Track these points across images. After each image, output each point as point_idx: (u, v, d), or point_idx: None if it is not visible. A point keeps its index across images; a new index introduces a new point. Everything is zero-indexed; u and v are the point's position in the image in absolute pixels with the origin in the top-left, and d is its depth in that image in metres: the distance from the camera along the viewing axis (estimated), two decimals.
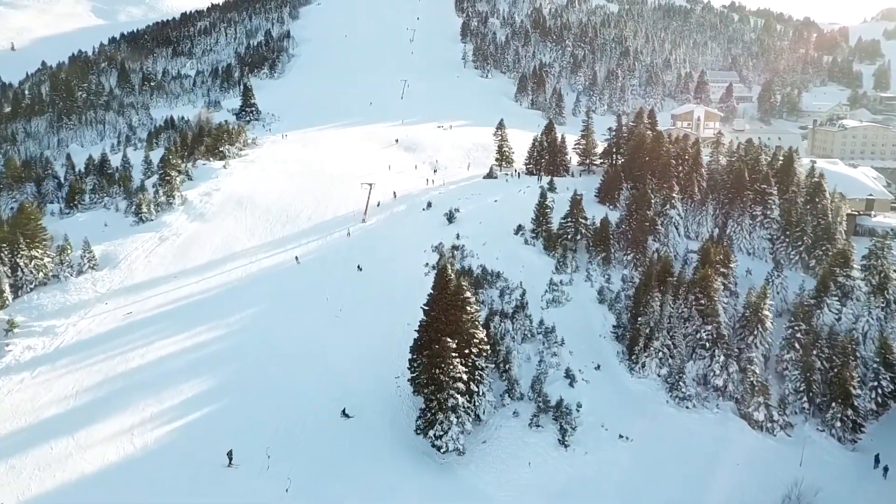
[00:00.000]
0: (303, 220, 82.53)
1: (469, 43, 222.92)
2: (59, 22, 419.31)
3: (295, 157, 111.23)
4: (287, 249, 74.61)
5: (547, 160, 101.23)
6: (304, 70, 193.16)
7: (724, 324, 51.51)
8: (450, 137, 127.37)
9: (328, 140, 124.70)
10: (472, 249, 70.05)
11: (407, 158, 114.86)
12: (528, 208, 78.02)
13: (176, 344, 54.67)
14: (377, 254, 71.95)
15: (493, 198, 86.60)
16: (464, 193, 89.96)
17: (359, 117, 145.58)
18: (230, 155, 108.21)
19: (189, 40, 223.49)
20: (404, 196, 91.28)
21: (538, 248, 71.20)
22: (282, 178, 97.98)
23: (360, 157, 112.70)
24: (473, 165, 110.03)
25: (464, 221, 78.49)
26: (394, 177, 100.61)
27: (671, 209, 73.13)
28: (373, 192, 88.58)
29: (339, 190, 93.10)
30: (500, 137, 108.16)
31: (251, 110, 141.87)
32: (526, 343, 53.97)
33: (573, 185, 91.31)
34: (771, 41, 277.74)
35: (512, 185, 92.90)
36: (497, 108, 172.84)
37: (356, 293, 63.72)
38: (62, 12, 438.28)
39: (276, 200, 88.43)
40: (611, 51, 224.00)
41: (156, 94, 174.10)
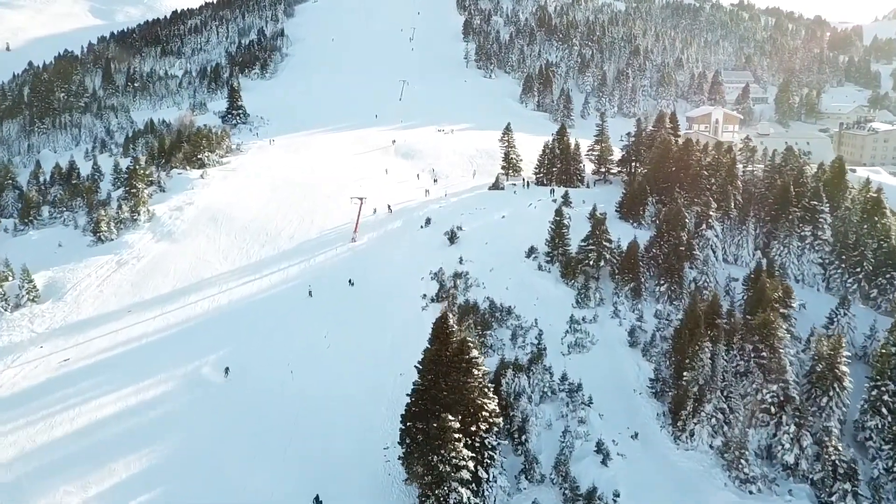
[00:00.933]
0: (284, 240, 72.58)
1: (471, 42, 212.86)
2: (55, 22, 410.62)
3: (281, 164, 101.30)
4: (263, 275, 64.64)
5: (559, 169, 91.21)
6: (298, 70, 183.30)
7: (791, 383, 41.44)
8: (451, 142, 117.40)
9: (319, 146, 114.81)
10: (477, 277, 60.04)
11: (404, 166, 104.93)
12: (541, 226, 68.11)
13: (116, 403, 44.75)
14: (367, 282, 61.98)
15: (501, 213, 76.62)
16: (467, 207, 79.98)
17: (353, 121, 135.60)
18: (209, 163, 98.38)
19: (179, 39, 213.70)
20: (400, 210, 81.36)
21: (554, 276, 61.16)
22: (264, 190, 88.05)
23: (352, 165, 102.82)
24: (478, 174, 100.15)
25: (467, 242, 68.48)
26: (389, 187, 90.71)
27: (708, 229, 63.11)
28: (366, 206, 78.89)
29: (327, 203, 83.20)
30: (507, 143, 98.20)
31: (238, 113, 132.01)
32: (546, 403, 44.00)
33: (590, 198, 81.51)
34: (784, 40, 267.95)
35: (521, 198, 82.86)
36: (501, 110, 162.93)
37: (340, 334, 53.74)
38: (59, 12, 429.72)
39: (256, 216, 78.50)
40: (620, 50, 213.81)
41: (139, 96, 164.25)
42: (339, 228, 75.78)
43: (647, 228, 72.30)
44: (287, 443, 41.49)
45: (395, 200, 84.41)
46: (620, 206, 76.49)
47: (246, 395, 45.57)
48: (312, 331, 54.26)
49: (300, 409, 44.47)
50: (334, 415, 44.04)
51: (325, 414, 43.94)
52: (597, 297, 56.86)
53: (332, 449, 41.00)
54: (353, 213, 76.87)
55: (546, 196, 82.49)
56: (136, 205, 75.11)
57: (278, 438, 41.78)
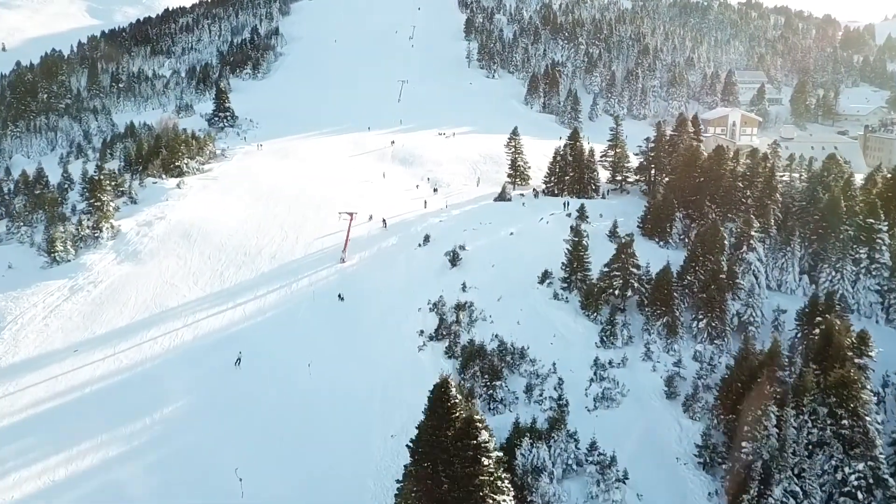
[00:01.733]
0: (264, 261, 64.21)
1: (473, 41, 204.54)
2: (52, 22, 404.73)
3: (268, 172, 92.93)
4: (238, 303, 56.27)
5: (572, 178, 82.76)
6: (292, 70, 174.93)
7: (882, 461, 32.99)
8: (452, 147, 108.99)
9: (311, 151, 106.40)
10: (483, 309, 51.64)
11: (402, 173, 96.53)
12: (555, 245, 59.82)
13: (39, 479, 36.33)
14: (356, 313, 53.61)
15: (508, 229, 68.17)
16: (470, 221, 71.57)
17: (349, 123, 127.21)
18: (189, 171, 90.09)
19: (169, 38, 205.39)
20: (397, 224, 73.07)
21: (573, 307, 52.70)
22: (246, 201, 79.70)
23: (346, 173, 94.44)
24: (482, 182, 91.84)
25: (471, 264, 60.09)
26: (385, 197, 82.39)
27: (749, 251, 54.67)
28: (359, 218, 70.76)
29: (315, 217, 74.90)
30: (514, 149, 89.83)
31: (224, 116, 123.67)
32: (570, 479, 35.58)
33: (607, 211, 73.19)
34: (796, 39, 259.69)
35: (530, 211, 74.39)
36: (505, 111, 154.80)
37: (321, 380, 45.36)
38: (56, 12, 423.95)
39: (235, 232, 70.14)
40: (628, 49, 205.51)
41: (122, 97, 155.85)
42: (328, 247, 67.46)
43: (674, 248, 63.96)
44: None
45: (391, 212, 76.20)
46: (643, 222, 68.00)
47: (193, 468, 37.08)
48: (287, 376, 45.86)
49: (272, 481, 36.07)
50: (310, 491, 35.64)
51: (293, 486, 35.51)
52: (624, 334, 48.43)
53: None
54: (343, 228, 68.52)
55: (559, 209, 74.04)
56: (99, 220, 66.77)
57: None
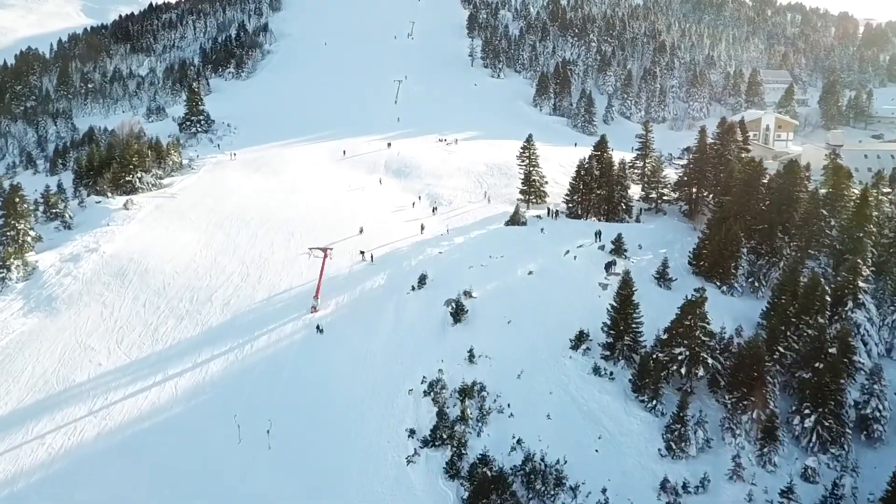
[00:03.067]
0: (213, 310, 50.13)
1: (477, 38, 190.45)
2: (45, 21, 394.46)
3: (236, 188, 78.86)
4: (169, 376, 42.20)
5: (600, 196, 68.52)
6: (280, 70, 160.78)
7: None
8: (455, 157, 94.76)
9: (290, 161, 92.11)
10: (498, 393, 37.56)
11: (395, 188, 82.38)
12: (588, 290, 46.10)
13: None
14: (319, 397, 39.44)
15: (526, 265, 53.89)
16: (478, 253, 57.46)
17: (338, 128, 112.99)
18: (143, 186, 76.04)
19: (151, 34, 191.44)
20: (386, 257, 59.03)
21: (621, 386, 38.60)
22: (204, 227, 65.64)
23: (329, 188, 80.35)
24: (489, 198, 77.85)
25: (480, 319, 46.01)
26: (373, 219, 68.37)
27: (856, 309, 40.55)
28: (344, 246, 57.15)
29: (285, 247, 60.89)
30: (528, 160, 75.57)
31: (198, 120, 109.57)
32: None
33: (647, 240, 59.25)
34: (817, 37, 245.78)
35: (552, 240, 60.05)
36: (512, 114, 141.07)
37: None
38: (50, 11, 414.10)
39: (183, 269, 56.10)
40: (643, 46, 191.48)
41: (91, 98, 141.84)
42: (297, 286, 53.42)
43: (742, 294, 49.89)
44: None
45: (380, 239, 62.24)
46: (696, 258, 53.77)
47: None
48: None
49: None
50: None
51: None
52: (699, 435, 34.31)
53: None
54: (317, 266, 54.43)
55: (587, 237, 59.60)
56: (7, 257, 52.65)
57: None
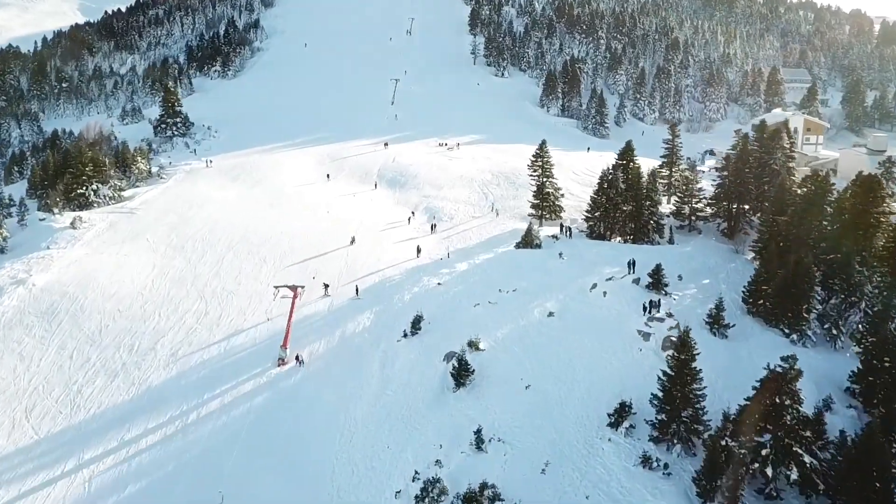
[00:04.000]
0: (157, 363, 40.26)
1: (480, 35, 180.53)
2: (41, 21, 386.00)
3: (207, 202, 68.95)
4: (82, 464, 32.39)
5: (627, 213, 58.44)
6: (270, 69, 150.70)
7: None
8: (457, 164, 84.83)
9: (273, 168, 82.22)
10: (518, 500, 27.51)
11: (388, 200, 72.62)
12: (624, 339, 36.32)
13: None
14: (279, 499, 29.47)
15: (545, 303, 43.87)
16: (485, 286, 47.50)
17: (329, 132, 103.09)
18: (98, 200, 66.20)
19: (136, 31, 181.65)
20: (375, 288, 49.25)
21: (680, 486, 28.63)
22: (162, 251, 55.76)
23: (315, 202, 70.49)
24: (495, 211, 68.08)
25: (490, 380, 36.05)
26: (364, 239, 58.50)
27: None
28: (326, 274, 47.34)
29: (254, 276, 51.03)
30: (541, 168, 65.54)
31: (174, 122, 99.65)
32: None
33: (685, 267, 49.42)
34: (833, 34, 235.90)
35: (573, 268, 50.06)
36: (518, 116, 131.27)
37: None
38: (46, 10, 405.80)
39: (128, 305, 46.26)
40: (654, 44, 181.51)
41: (64, 99, 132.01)
42: (264, 331, 43.52)
43: (814, 343, 39.85)
44: None
45: (367, 267, 52.41)
46: (752, 295, 43.69)
47: None
48: None
49: None
50: None
51: None
52: None
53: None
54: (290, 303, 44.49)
55: (615, 264, 49.75)
56: None
57: None
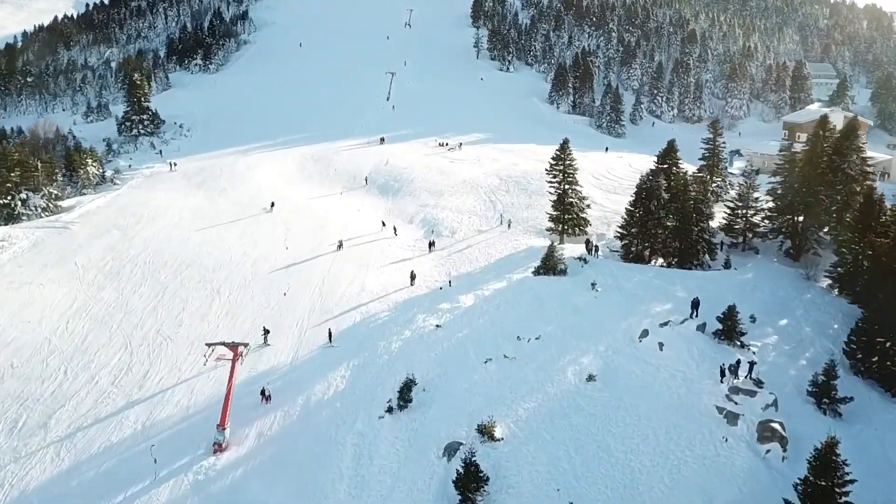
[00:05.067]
0: (47, 448, 28.79)
1: (483, 27, 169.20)
2: (37, 18, 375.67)
3: (163, 213, 57.57)
4: None
5: (671, 230, 46.90)
6: (256, 62, 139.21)
7: None
8: (459, 166, 73.54)
9: (250, 172, 70.83)
10: None
11: (380, 211, 61.22)
12: (698, 422, 24.92)
13: None
14: None
15: (580, 360, 32.39)
16: (497, 331, 36.11)
17: (315, 131, 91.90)
18: (27, 212, 54.84)
19: (117, 24, 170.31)
20: (354, 332, 37.90)
21: None
22: (91, 278, 44.45)
23: (290, 212, 59.08)
24: (504, 222, 56.82)
25: (510, 495, 24.55)
26: (345, 263, 47.17)
27: None
28: (294, 313, 36.36)
29: (203, 315, 39.71)
30: (562, 174, 54.03)
31: (140, 119, 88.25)
32: None
33: (756, 302, 38.02)
34: (853, 28, 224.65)
35: (612, 304, 38.41)
36: (526, 113, 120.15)
37: None
38: (42, 8, 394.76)
39: (28, 357, 35.03)
40: (669, 37, 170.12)
41: (26, 94, 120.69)
42: (201, 400, 32.04)
43: None
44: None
45: (347, 300, 41.09)
46: (860, 348, 32.20)
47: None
48: None
49: None
50: None
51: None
52: None
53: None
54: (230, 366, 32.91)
55: (664, 298, 38.36)
56: None
57: None
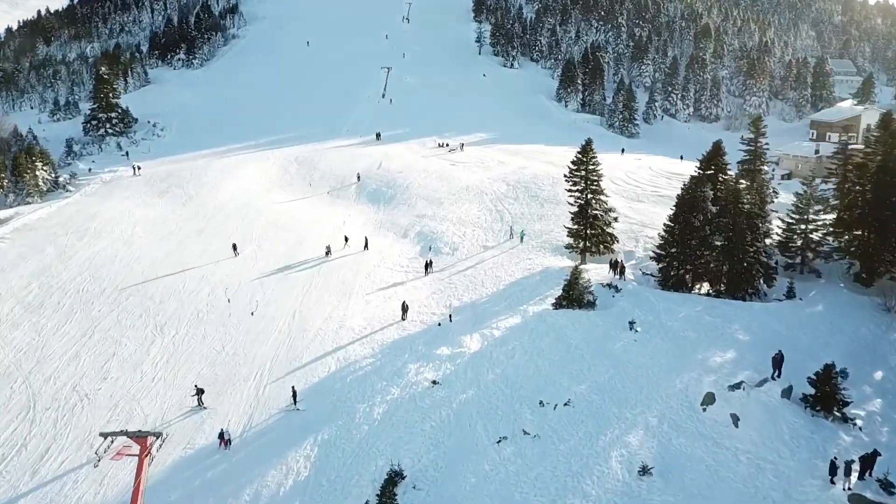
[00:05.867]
0: None
1: (485, 22, 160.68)
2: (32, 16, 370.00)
3: (112, 227, 48.97)
4: None
5: (718, 252, 38.26)
6: (244, 57, 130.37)
7: None
8: (461, 170, 65.04)
9: (221, 177, 62.30)
10: None
11: (370, 222, 52.69)
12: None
13: None
14: None
15: (625, 440, 23.92)
16: (512, 394, 27.64)
17: (302, 130, 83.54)
18: None
19: (101, 18, 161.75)
20: (324, 388, 29.41)
21: None
22: (4, 313, 35.87)
23: (264, 224, 50.54)
24: (515, 235, 48.43)
25: None
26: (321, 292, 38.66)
27: None
28: (252, 352, 29.11)
29: (137, 364, 31.21)
30: (584, 181, 45.36)
31: (109, 118, 79.65)
32: None
33: (833, 343, 29.74)
34: (868, 24, 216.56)
35: (660, 353, 29.86)
36: (532, 111, 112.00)
37: None
38: (39, 6, 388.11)
39: None
40: (682, 31, 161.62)
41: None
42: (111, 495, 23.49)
43: None
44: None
45: (321, 342, 32.61)
46: None
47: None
48: None
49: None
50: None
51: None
52: None
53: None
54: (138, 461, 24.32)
55: (728, 349, 29.87)
56: None
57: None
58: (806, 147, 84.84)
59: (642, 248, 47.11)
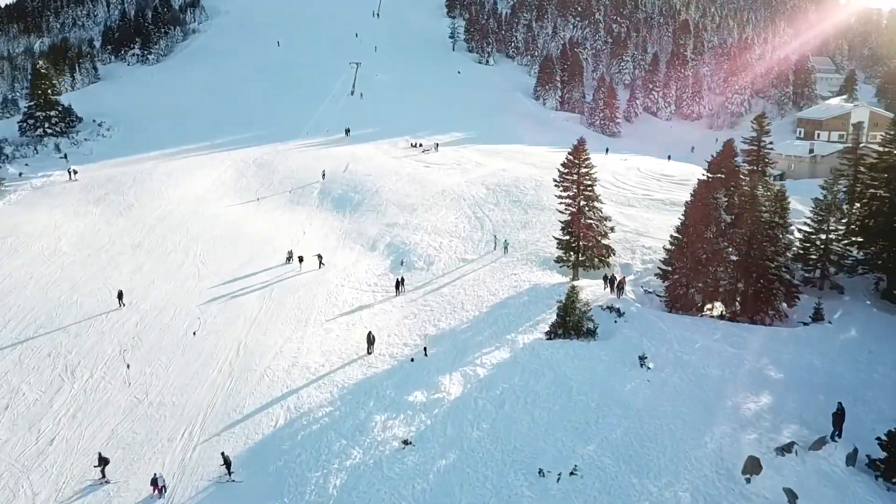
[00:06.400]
0: None
1: (459, 17, 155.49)
2: None
3: (25, 246, 42.37)
4: None
5: (741, 265, 33.14)
6: (204, 53, 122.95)
7: None
8: (436, 172, 59.36)
9: (167, 182, 55.76)
10: None
11: (333, 233, 46.77)
12: None
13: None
14: None
15: None
16: (503, 460, 22.11)
17: (263, 130, 77.34)
18: None
19: (52, 12, 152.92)
20: (268, 450, 23.43)
21: None
22: None
23: (212, 237, 44.32)
24: (496, 247, 42.97)
25: None
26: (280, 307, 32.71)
27: None
28: (183, 401, 23.51)
29: (34, 421, 24.82)
30: (576, 187, 39.84)
31: (47, 117, 72.45)
32: None
33: (876, 379, 24.10)
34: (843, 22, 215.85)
35: (680, 401, 24.51)
36: (509, 109, 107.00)
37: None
38: None
39: None
40: (659, 27, 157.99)
41: None
42: None
43: None
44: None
45: (265, 388, 26.67)
46: None
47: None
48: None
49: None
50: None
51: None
52: None
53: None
54: None
55: (762, 394, 24.55)
56: None
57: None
58: (799, 146, 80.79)
59: (640, 261, 41.91)
